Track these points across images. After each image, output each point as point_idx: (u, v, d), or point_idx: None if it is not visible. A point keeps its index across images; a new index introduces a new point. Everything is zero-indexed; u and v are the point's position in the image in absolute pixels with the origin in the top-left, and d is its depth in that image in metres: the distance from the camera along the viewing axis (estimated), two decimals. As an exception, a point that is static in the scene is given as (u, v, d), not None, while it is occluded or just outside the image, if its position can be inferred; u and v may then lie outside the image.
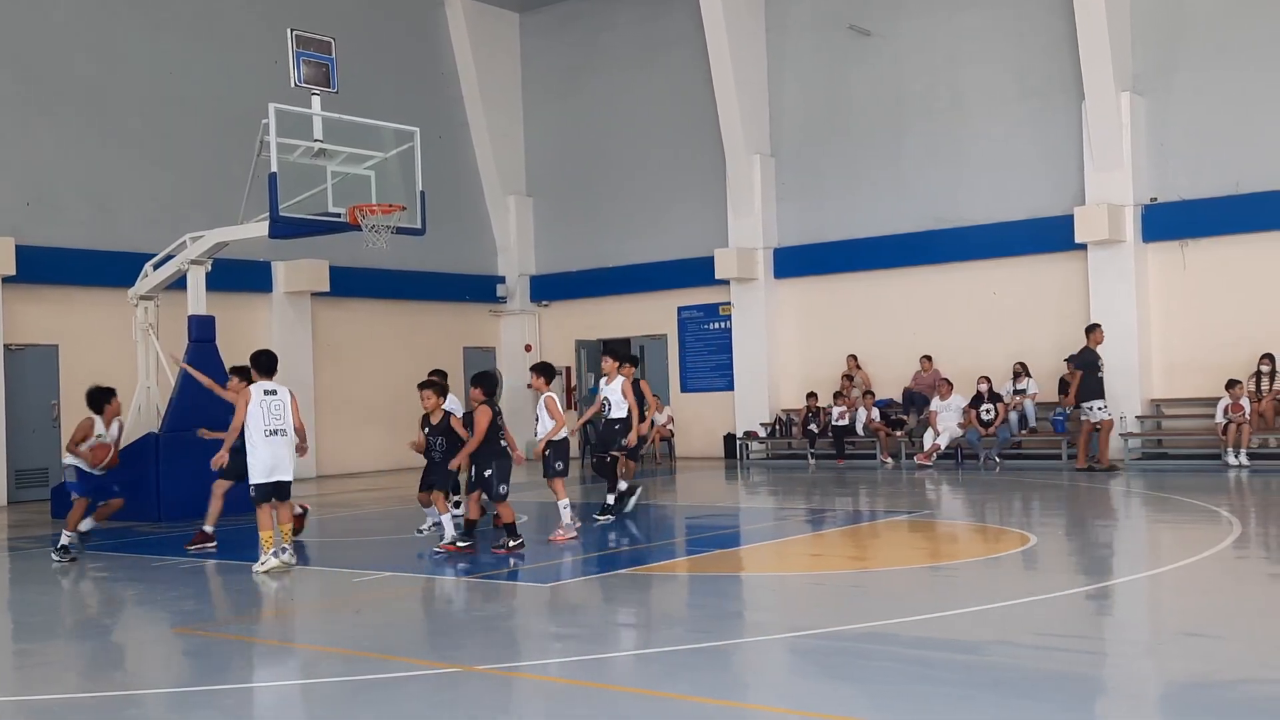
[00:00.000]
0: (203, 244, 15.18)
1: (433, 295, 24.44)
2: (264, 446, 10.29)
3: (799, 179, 22.47)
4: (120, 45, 20.18)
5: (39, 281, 18.46)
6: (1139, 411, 18.65)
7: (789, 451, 21.75)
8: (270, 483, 10.31)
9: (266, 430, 10.31)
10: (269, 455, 10.30)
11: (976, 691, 5.85)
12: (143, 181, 20.13)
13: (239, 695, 6.37)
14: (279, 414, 10.39)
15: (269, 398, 10.41)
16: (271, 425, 10.34)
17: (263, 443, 10.29)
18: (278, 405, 10.42)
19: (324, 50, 14.38)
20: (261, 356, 10.74)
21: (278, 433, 10.36)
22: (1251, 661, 6.44)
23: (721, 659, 6.90)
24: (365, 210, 14.04)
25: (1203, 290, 18.48)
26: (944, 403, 19.40)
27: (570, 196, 25.72)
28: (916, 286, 21.13)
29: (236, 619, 8.80)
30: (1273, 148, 17.91)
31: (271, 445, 10.31)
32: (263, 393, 10.41)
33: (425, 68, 24.88)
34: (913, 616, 7.70)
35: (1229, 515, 12.03)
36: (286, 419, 10.43)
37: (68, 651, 8.05)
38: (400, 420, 22.69)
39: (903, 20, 21.28)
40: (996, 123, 20.32)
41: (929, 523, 13.07)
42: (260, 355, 10.78)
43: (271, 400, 10.41)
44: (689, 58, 23.33)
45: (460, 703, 6.11)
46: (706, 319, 23.84)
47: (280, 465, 10.37)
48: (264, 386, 10.48)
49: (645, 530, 13.00)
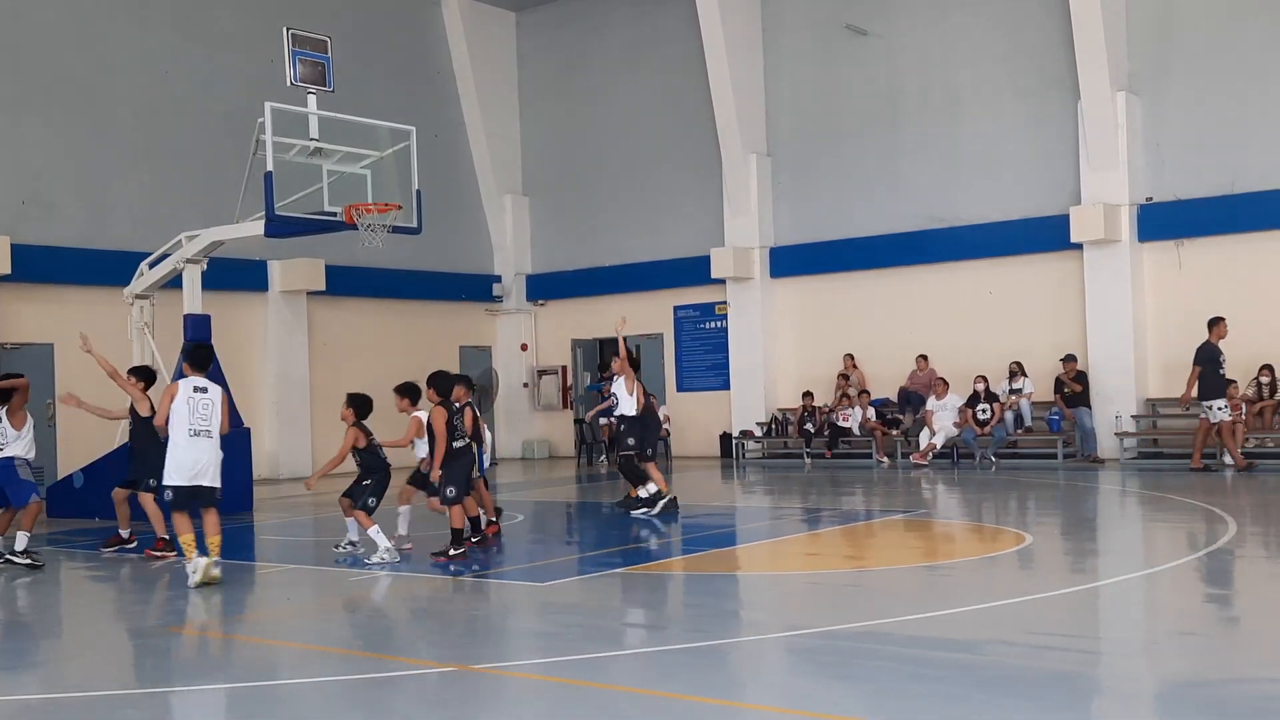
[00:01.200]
0: (198, 243, 15.16)
1: (429, 294, 24.42)
2: (186, 447, 9.49)
3: (795, 178, 22.47)
4: (115, 43, 20.15)
5: (34, 281, 18.42)
6: (1134, 411, 18.66)
7: (785, 451, 21.75)
8: (188, 486, 9.51)
9: (191, 430, 9.52)
10: (190, 457, 9.50)
11: (972, 690, 5.85)
12: (138, 180, 20.10)
13: (235, 695, 6.36)
14: (206, 414, 9.59)
15: (198, 395, 9.63)
16: (196, 425, 9.53)
17: (185, 443, 9.49)
18: (206, 404, 9.62)
19: (320, 49, 14.36)
20: (198, 350, 10.06)
21: (202, 434, 9.55)
22: (1246, 661, 6.45)
23: (717, 658, 6.90)
24: (361, 209, 14.03)
25: (1198, 290, 18.49)
26: (940, 402, 19.42)
27: (566, 195, 25.71)
28: (912, 286, 21.14)
29: (232, 618, 8.79)
30: (1268, 147, 17.93)
31: (195, 447, 9.51)
32: (192, 389, 9.64)
33: (421, 67, 24.86)
34: (909, 616, 7.70)
35: (1224, 514, 12.05)
36: (214, 420, 9.64)
37: (63, 651, 8.05)
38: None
39: (899, 20, 21.28)
40: (992, 122, 20.33)
41: (925, 522, 13.08)
42: (196, 348, 10.12)
43: (200, 398, 9.62)
44: (685, 57, 23.32)
45: (455, 702, 6.11)
46: (703, 318, 23.84)
47: (203, 469, 9.55)
48: (194, 383, 9.69)
49: (642, 529, 13.00)
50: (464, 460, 10.80)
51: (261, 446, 19.47)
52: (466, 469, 10.82)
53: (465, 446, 10.87)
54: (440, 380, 11.00)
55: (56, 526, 14.62)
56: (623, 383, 13.76)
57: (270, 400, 21.37)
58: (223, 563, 9.77)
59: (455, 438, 10.76)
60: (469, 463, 10.88)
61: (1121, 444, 18.40)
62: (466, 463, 10.83)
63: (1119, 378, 18.69)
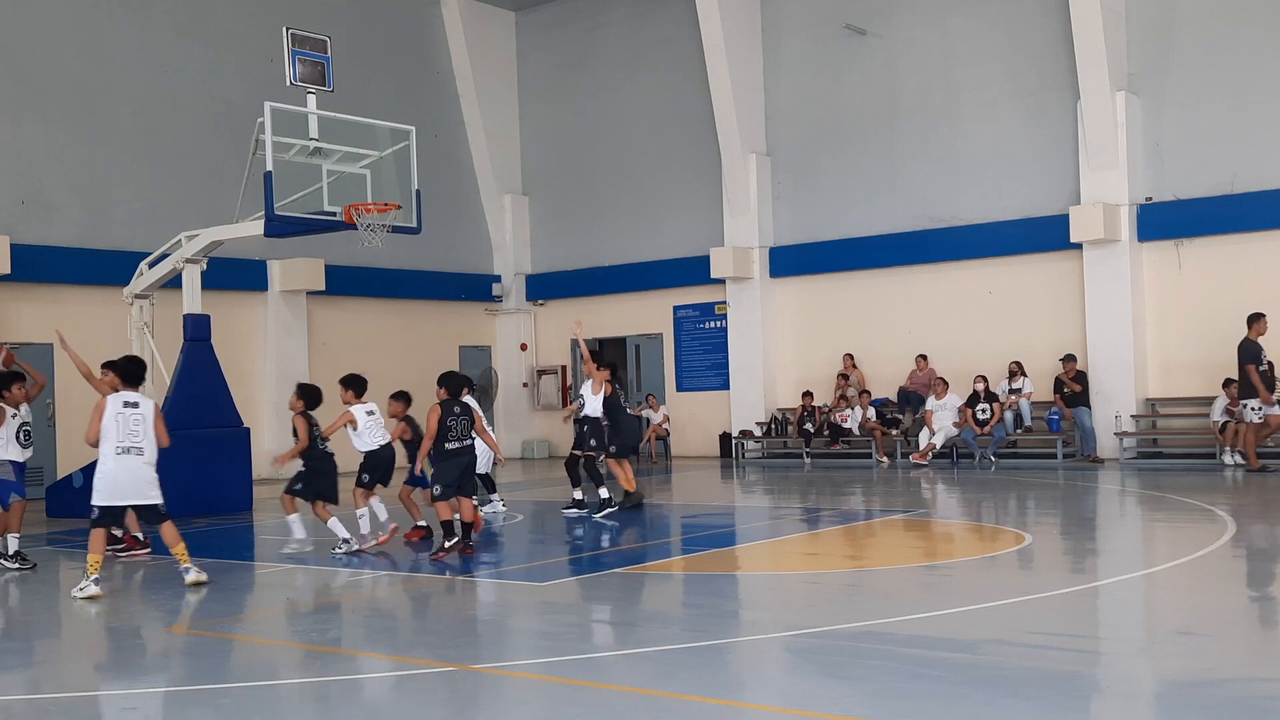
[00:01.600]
0: (198, 242, 15.16)
1: (428, 294, 24.42)
2: (113, 464, 9.23)
3: (795, 178, 22.48)
4: (114, 43, 20.14)
5: (33, 280, 18.43)
6: (1134, 411, 18.67)
7: (784, 451, 21.75)
8: (114, 507, 9.37)
9: (119, 447, 9.25)
10: (114, 476, 9.27)
11: (971, 690, 5.85)
12: (137, 180, 20.10)
13: (234, 694, 6.36)
14: (137, 429, 9.29)
15: (128, 410, 9.32)
16: (126, 442, 9.25)
17: (112, 460, 9.23)
18: (137, 420, 9.32)
19: (319, 49, 14.37)
20: (127, 364, 9.77)
21: (131, 451, 9.28)
22: (1245, 660, 6.45)
23: (717, 658, 6.90)
24: (361, 209, 14.04)
25: (1198, 289, 18.51)
26: (939, 402, 19.42)
27: (566, 195, 25.71)
28: (912, 286, 21.14)
29: (232, 618, 8.79)
30: (1267, 147, 17.94)
31: (121, 466, 9.25)
32: (122, 404, 9.34)
33: (421, 66, 24.86)
34: (908, 615, 7.70)
35: (1224, 514, 12.05)
36: (145, 436, 9.34)
37: (62, 650, 8.04)
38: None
39: (898, 19, 21.28)
40: (992, 122, 20.33)
41: (924, 522, 13.08)
42: (125, 362, 9.84)
43: (130, 414, 9.31)
44: (685, 57, 23.33)
45: (455, 701, 6.11)
46: (702, 318, 23.84)
47: (131, 489, 9.33)
48: (124, 397, 9.40)
49: (641, 529, 13.00)
50: (457, 461, 10.79)
51: (261, 446, 19.45)
52: (458, 469, 10.80)
53: (462, 448, 10.85)
54: (450, 380, 11.10)
55: (56, 526, 14.62)
56: (589, 384, 13.81)
57: (269, 400, 21.36)
58: (201, 561, 9.80)
59: (449, 438, 10.75)
60: (463, 464, 10.86)
61: (1121, 444, 18.40)
62: (460, 464, 10.81)
63: (1118, 377, 18.69)
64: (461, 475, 10.83)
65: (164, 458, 14.63)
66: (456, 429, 10.80)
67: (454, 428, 10.78)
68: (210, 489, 15.06)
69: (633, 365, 24.96)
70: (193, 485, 14.90)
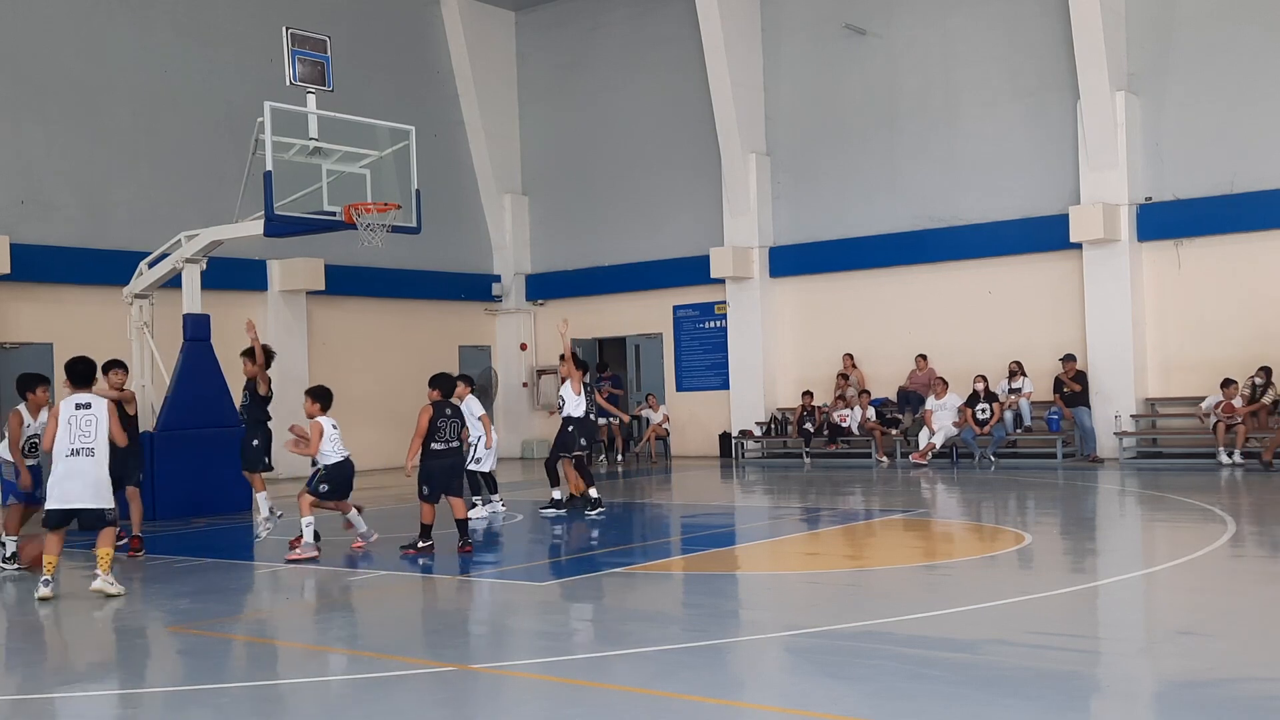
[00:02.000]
0: (198, 242, 15.16)
1: (428, 294, 24.42)
2: (63, 467, 9.07)
3: (794, 178, 22.47)
4: (113, 43, 20.13)
5: (33, 280, 18.42)
6: (1134, 410, 18.67)
7: (784, 450, 21.75)
8: (63, 510, 9.15)
9: (70, 449, 9.09)
10: (63, 478, 9.10)
11: (971, 690, 5.86)
12: (137, 180, 20.09)
13: (234, 694, 6.36)
14: (88, 430, 9.12)
15: (80, 412, 9.18)
16: (76, 444, 9.08)
17: (62, 464, 9.07)
18: (88, 421, 9.15)
19: (319, 49, 14.36)
20: (76, 364, 9.59)
21: (82, 452, 9.10)
22: (1245, 660, 6.45)
23: (717, 658, 6.90)
24: (361, 209, 14.03)
25: (1197, 289, 18.51)
26: (939, 402, 19.42)
27: (566, 195, 25.70)
28: (912, 285, 21.14)
29: (231, 618, 8.79)
30: (1267, 147, 17.94)
31: (70, 469, 9.07)
32: (74, 406, 9.21)
33: (421, 66, 24.86)
34: (908, 615, 7.70)
35: (1223, 514, 12.05)
36: (97, 437, 9.16)
37: (61, 650, 8.04)
38: (396, 419, 22.67)
39: (898, 19, 21.28)
40: (991, 122, 20.33)
41: (924, 522, 13.08)
42: (75, 363, 9.63)
43: (82, 415, 9.16)
44: (685, 56, 23.32)
45: (454, 702, 6.11)
46: (702, 318, 23.84)
47: (78, 491, 9.11)
48: (76, 399, 9.27)
49: (641, 529, 13.01)
50: (442, 462, 10.86)
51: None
52: (444, 471, 10.89)
53: (448, 449, 10.90)
54: (442, 381, 11.18)
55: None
56: (569, 385, 13.78)
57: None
58: (201, 561, 9.78)
59: (437, 439, 10.82)
60: (448, 465, 10.93)
61: (1120, 443, 18.40)
62: (445, 465, 10.89)
63: (1118, 377, 18.69)
64: (448, 477, 10.94)
65: (163, 458, 14.74)
66: (445, 431, 10.90)
67: (443, 429, 10.87)
68: (209, 489, 15.05)
69: (632, 365, 24.97)
70: (192, 485, 14.91)
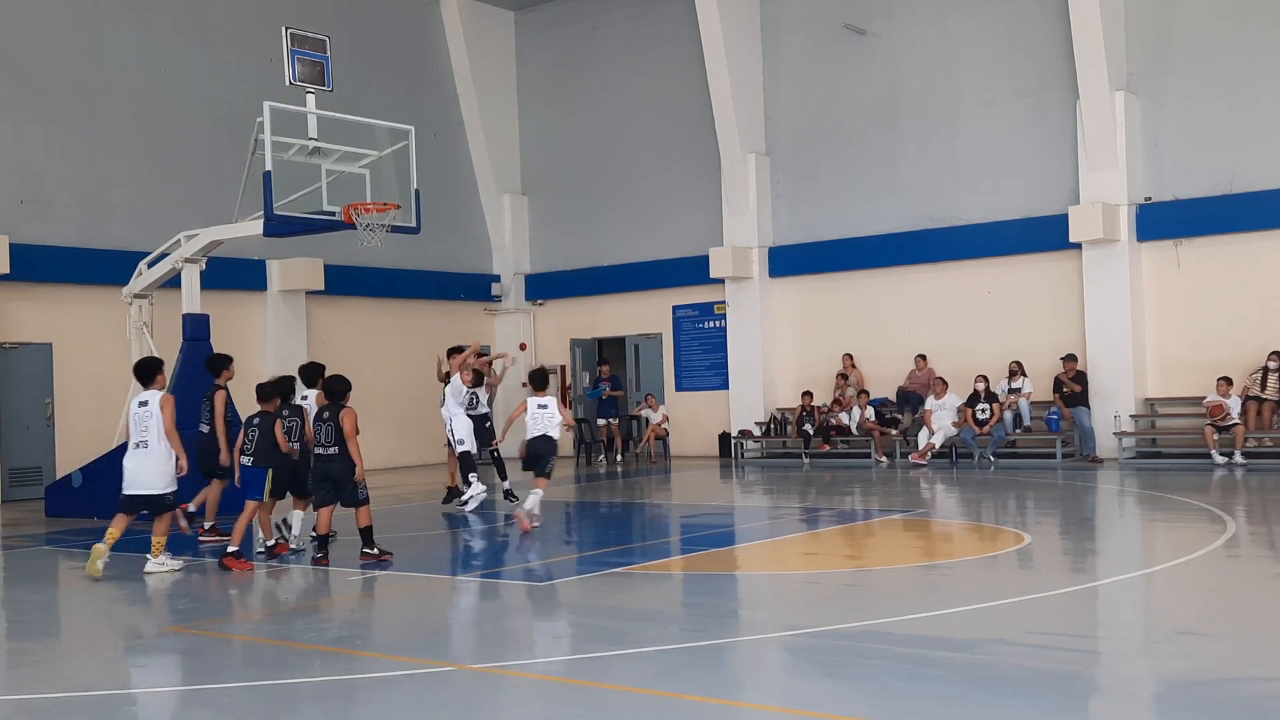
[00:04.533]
0: (197, 242, 15.15)
1: (428, 294, 24.41)
2: (129, 458, 10.06)
3: (794, 178, 22.47)
4: (113, 43, 20.13)
5: (33, 280, 18.42)
6: (1133, 410, 18.67)
7: (784, 450, 21.75)
8: (128, 496, 10.06)
9: (132, 442, 10.07)
10: (129, 468, 10.03)
11: (971, 690, 5.86)
12: (136, 179, 20.08)
13: (233, 694, 6.36)
14: (144, 425, 9.98)
15: (140, 409, 10.07)
16: (136, 437, 10.02)
17: (129, 454, 10.06)
18: (145, 416, 10.00)
19: (319, 49, 14.36)
20: (139, 365, 10.52)
21: (140, 445, 10.00)
22: (1245, 660, 6.45)
23: (717, 658, 6.90)
24: (360, 209, 14.03)
25: (1197, 289, 18.51)
26: (939, 402, 19.41)
27: (565, 195, 25.70)
28: (911, 285, 21.14)
29: (230, 618, 8.79)
30: (1267, 146, 17.94)
31: (132, 459, 10.04)
32: (137, 403, 10.13)
33: (420, 66, 24.85)
34: (908, 615, 7.71)
35: (1223, 514, 12.05)
36: (152, 430, 9.96)
37: (61, 650, 8.04)
38: (396, 418, 22.69)
39: (898, 20, 21.28)
40: (991, 122, 20.33)
41: (924, 522, 13.08)
42: (138, 363, 10.61)
43: (140, 412, 10.06)
44: (684, 56, 23.32)
45: (454, 701, 6.11)
46: (702, 318, 23.84)
47: (138, 480, 10.00)
48: (139, 397, 10.14)
49: (641, 529, 13.01)
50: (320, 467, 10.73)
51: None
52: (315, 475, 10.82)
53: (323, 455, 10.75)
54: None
55: (55, 526, 14.61)
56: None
57: (269, 400, 21.34)
58: (200, 562, 9.77)
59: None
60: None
61: (1120, 444, 18.40)
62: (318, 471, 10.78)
63: (1118, 377, 18.69)
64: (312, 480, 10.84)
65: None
66: (292, 435, 10.97)
67: (319, 432, 10.69)
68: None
69: (632, 365, 24.96)
70: (191, 485, 14.88)
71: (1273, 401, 17.29)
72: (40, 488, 17.41)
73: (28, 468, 18.47)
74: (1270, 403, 17.28)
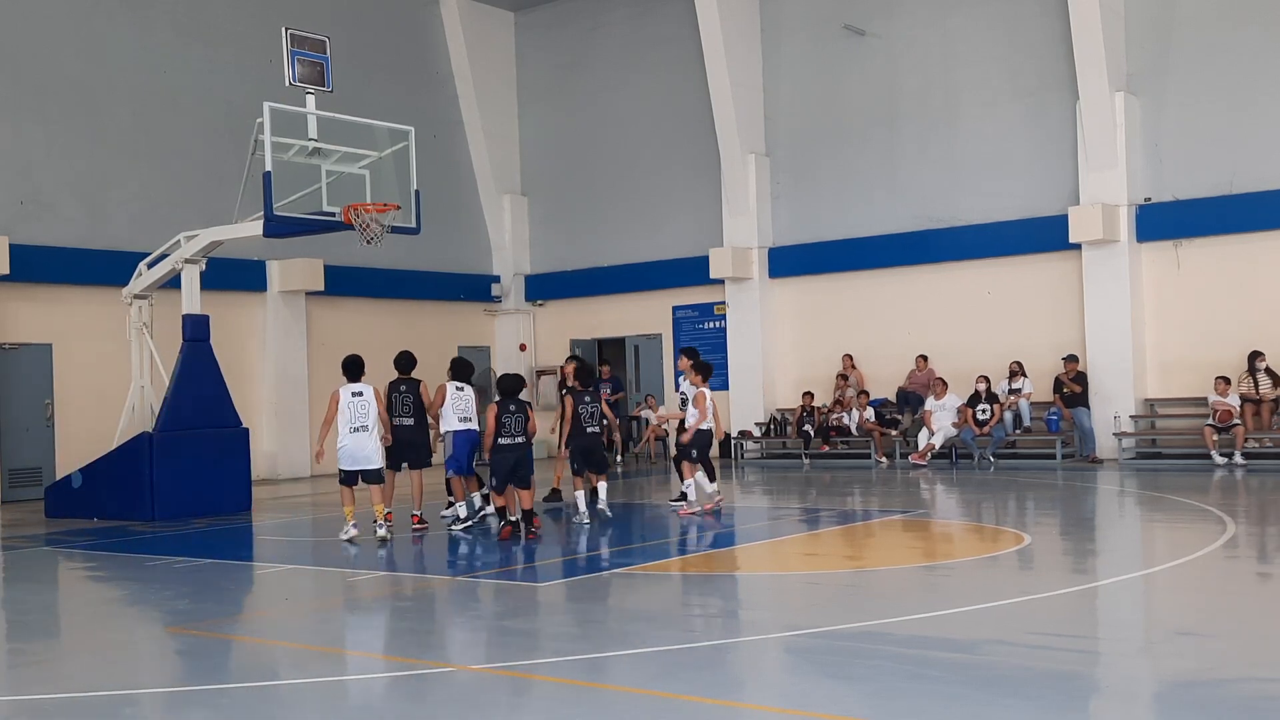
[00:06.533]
0: (197, 243, 15.16)
1: (428, 294, 24.41)
2: (348, 440, 11.96)
3: (794, 178, 22.47)
4: (114, 43, 20.12)
5: (32, 280, 18.41)
6: (1133, 411, 18.67)
7: (784, 451, 21.75)
8: (350, 471, 12.02)
9: (351, 427, 11.97)
10: (349, 449, 11.95)
11: (971, 690, 5.86)
12: (136, 180, 20.08)
13: (233, 695, 6.36)
14: (364, 412, 11.98)
15: (355, 399, 12.03)
16: (355, 423, 11.97)
17: (347, 436, 11.96)
18: (363, 405, 12.00)
19: (319, 49, 14.36)
20: (347, 362, 12.28)
21: (359, 429, 11.96)
22: (1245, 660, 6.45)
23: (717, 658, 6.90)
24: (360, 209, 14.03)
25: (1197, 290, 18.51)
26: (939, 402, 19.41)
27: (565, 195, 25.70)
28: (911, 286, 21.14)
29: (230, 618, 8.79)
30: (1267, 147, 17.94)
31: (353, 440, 11.96)
32: (350, 394, 12.05)
33: (420, 67, 24.85)
34: (908, 616, 7.71)
35: (1223, 514, 12.06)
36: (370, 417, 12.01)
37: (61, 650, 8.04)
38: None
39: (898, 20, 21.28)
40: (991, 122, 20.33)
41: (924, 522, 13.08)
42: (346, 360, 12.31)
43: (357, 401, 12.03)
44: (684, 57, 23.32)
45: (453, 702, 6.11)
46: (701, 318, 23.83)
47: (360, 457, 12.00)
48: (351, 389, 12.08)
49: (640, 530, 13.01)
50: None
51: (260, 447, 19.45)
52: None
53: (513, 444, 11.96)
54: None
55: (55, 527, 14.61)
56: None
57: (269, 400, 21.36)
58: (200, 562, 9.76)
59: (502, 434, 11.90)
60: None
61: (1120, 444, 18.40)
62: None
63: (1117, 378, 18.69)
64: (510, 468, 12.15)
65: (161, 458, 14.75)
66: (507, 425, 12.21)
67: (506, 424, 12.16)
68: (209, 489, 15.07)
69: (632, 366, 24.96)
70: (191, 485, 14.92)
71: (1272, 402, 17.29)
72: (40, 488, 17.40)
73: (28, 468, 18.47)
74: (1269, 403, 17.28)
